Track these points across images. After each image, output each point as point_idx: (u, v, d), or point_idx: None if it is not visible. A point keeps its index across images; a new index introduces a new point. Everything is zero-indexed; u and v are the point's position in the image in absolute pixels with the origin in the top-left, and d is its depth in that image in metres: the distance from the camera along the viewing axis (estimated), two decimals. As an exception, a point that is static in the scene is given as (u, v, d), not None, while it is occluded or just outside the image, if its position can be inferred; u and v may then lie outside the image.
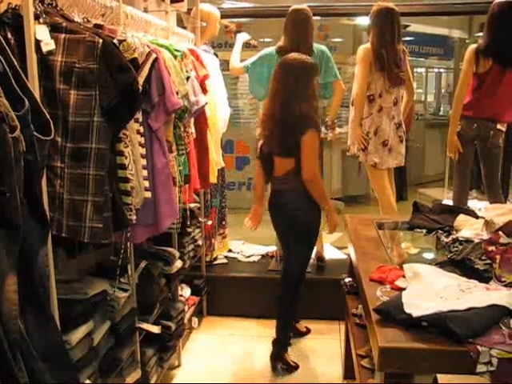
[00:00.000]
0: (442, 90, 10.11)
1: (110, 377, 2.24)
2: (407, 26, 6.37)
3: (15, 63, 1.40)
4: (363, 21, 5.53)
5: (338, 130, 4.25)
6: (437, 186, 7.82)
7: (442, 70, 9.83)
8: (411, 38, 7.82)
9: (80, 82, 1.70)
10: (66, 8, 1.94)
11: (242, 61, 3.98)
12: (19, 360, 1.33)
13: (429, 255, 2.62)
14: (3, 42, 1.40)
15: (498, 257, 1.98)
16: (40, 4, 1.69)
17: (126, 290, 2.37)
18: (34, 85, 1.61)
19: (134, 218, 2.06)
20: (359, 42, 6.71)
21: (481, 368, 1.50)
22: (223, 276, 4.01)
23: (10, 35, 1.58)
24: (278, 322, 3.18)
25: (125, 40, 1.94)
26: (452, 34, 8.59)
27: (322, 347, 3.51)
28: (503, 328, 1.59)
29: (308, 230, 3.06)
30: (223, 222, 4.30)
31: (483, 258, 2.06)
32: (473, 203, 3.11)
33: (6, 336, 1.27)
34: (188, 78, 2.60)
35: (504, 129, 3.74)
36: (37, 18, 1.64)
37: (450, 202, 3.68)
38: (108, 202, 1.81)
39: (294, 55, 2.97)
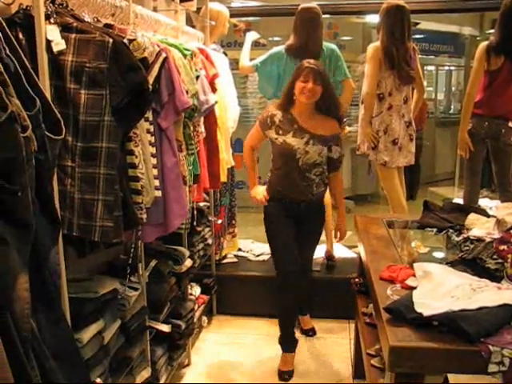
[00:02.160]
0: (453, 88, 10.05)
1: (121, 375, 2.25)
2: (417, 23, 6.34)
3: (26, 63, 1.41)
4: (373, 19, 5.51)
5: (347, 128, 4.24)
6: (447, 184, 7.79)
7: (452, 68, 9.78)
8: (421, 36, 7.78)
9: (90, 82, 1.70)
10: (77, 8, 1.95)
11: (251, 60, 3.98)
12: (31, 358, 1.34)
13: (439, 254, 2.61)
14: (15, 42, 1.41)
15: (509, 256, 1.97)
16: (51, 4, 1.71)
17: (136, 289, 2.38)
18: (45, 85, 1.61)
19: (144, 216, 2.06)
20: (369, 40, 6.68)
21: (492, 368, 1.49)
22: (233, 275, 4.01)
23: (21, 35, 1.59)
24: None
25: (135, 39, 1.95)
26: (463, 32, 8.55)
27: (332, 346, 3.50)
28: (515, 328, 1.58)
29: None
30: (233, 221, 4.30)
31: (494, 257, 2.05)
32: (484, 202, 3.09)
33: (18, 334, 1.27)
34: (197, 77, 2.60)
35: (515, 127, 3.72)
36: (48, 18, 1.65)
37: (460, 201, 3.68)
38: (118, 201, 1.82)
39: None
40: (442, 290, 1.79)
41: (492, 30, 3.86)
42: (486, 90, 3.66)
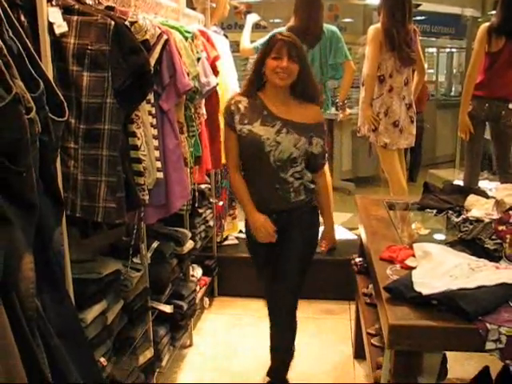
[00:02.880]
0: (454, 70, 10.00)
1: (124, 355, 2.28)
2: (418, 5, 6.29)
3: (29, 45, 1.41)
4: (374, 0, 5.47)
5: (348, 110, 4.24)
6: (448, 167, 7.79)
7: (453, 50, 9.71)
8: (422, 18, 7.72)
9: (92, 64, 1.71)
10: (78, -10, 1.94)
11: (251, 42, 3.97)
12: (37, 336, 1.36)
13: (439, 235, 2.63)
14: (17, 24, 1.41)
15: (508, 236, 1.99)
16: (52, -14, 1.70)
17: (138, 270, 2.40)
18: (48, 67, 1.62)
19: (146, 198, 2.08)
20: (370, 22, 6.64)
21: (490, 345, 1.52)
22: (234, 256, 4.04)
23: (23, 17, 1.58)
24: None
25: (136, 22, 1.95)
26: (464, 13, 8.47)
27: (333, 327, 3.54)
28: (512, 306, 1.61)
29: None
30: (233, 203, 4.32)
31: (493, 237, 2.07)
32: (484, 184, 3.11)
33: (23, 313, 1.30)
34: (199, 60, 2.60)
35: (516, 109, 3.72)
36: (49, 0, 1.65)
37: (460, 183, 3.69)
38: (121, 182, 1.83)
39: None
40: (441, 269, 1.82)
41: (494, 12, 3.85)
42: (486, 71, 3.65)
